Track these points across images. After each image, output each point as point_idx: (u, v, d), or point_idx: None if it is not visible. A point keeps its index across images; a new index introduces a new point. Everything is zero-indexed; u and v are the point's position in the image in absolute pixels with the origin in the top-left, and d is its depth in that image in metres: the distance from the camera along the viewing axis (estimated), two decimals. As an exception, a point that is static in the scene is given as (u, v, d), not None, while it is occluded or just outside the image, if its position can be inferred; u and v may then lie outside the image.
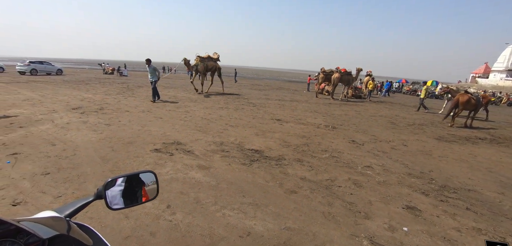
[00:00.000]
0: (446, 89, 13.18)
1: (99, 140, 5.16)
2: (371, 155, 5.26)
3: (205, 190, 3.38)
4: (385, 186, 3.81)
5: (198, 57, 14.03)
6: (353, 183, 3.82)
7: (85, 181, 3.46)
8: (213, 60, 14.56)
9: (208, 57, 14.32)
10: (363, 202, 3.29)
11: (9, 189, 3.16)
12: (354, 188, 3.67)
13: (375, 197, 3.46)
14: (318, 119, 8.90)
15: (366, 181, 3.95)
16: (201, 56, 14.06)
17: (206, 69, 14.22)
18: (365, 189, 3.66)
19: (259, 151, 5.03)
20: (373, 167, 4.54)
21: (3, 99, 9.14)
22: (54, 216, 0.77)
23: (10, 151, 4.35)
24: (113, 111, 8.15)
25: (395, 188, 3.79)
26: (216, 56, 14.68)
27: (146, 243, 2.37)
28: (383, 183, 3.91)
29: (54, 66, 23.81)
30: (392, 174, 4.32)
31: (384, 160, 5.01)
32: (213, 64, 14.60)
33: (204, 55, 14.29)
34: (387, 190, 3.70)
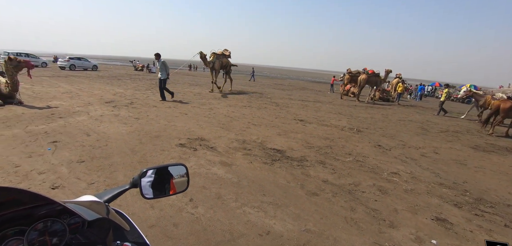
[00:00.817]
0: (469, 93, 12.26)
1: (128, 132, 5.45)
2: (399, 161, 5.02)
3: (227, 186, 3.45)
4: (413, 195, 3.63)
5: (214, 54, 13.54)
6: (378, 189, 3.68)
7: (115, 171, 3.69)
8: (226, 57, 14.27)
9: (222, 54, 13.94)
10: (388, 210, 3.16)
11: (49, 174, 3.46)
12: (379, 195, 3.53)
13: (401, 205, 3.31)
14: (342, 121, 8.66)
15: (392, 188, 3.78)
16: (216, 53, 13.60)
17: (221, 65, 13.84)
18: (390, 197, 3.51)
19: (281, 151, 5.01)
20: (400, 174, 4.33)
21: (46, 92, 10.00)
22: (94, 200, 0.84)
23: (51, 139, 4.75)
24: (142, 105, 8.57)
25: (424, 197, 3.59)
26: (228, 52, 14.36)
27: (169, 233, 2.47)
28: (411, 192, 3.72)
29: (90, 62, 25.54)
30: (421, 182, 4.09)
31: (412, 167, 4.76)
32: (227, 61, 14.35)
33: (218, 52, 13.84)
34: (415, 199, 3.52)
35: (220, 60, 13.63)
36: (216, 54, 13.54)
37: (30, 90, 9.76)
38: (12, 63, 7.21)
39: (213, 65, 13.33)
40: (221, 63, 13.79)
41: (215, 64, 13.37)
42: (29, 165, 3.66)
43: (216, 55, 13.50)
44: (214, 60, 13.36)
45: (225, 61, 14.14)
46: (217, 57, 13.51)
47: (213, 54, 13.44)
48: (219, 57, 13.66)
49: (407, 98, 22.87)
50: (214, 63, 13.32)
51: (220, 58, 13.64)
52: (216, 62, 13.37)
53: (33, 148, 4.27)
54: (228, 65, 14.52)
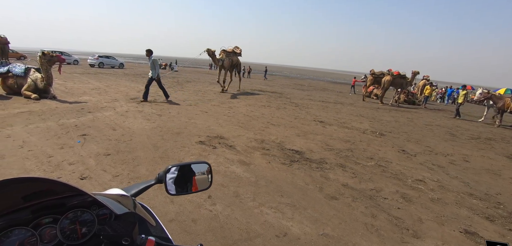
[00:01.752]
0: (487, 95, 11.42)
1: (151, 128, 5.65)
2: (425, 168, 4.77)
3: (245, 185, 3.46)
4: (439, 204, 3.43)
5: (223, 52, 12.81)
6: (402, 197, 3.52)
7: (138, 165, 3.83)
8: (237, 55, 13.59)
9: (232, 51, 13.20)
10: (412, 219, 3.01)
11: (78, 165, 3.67)
12: (402, 202, 3.38)
13: (426, 215, 3.14)
14: (364, 124, 8.39)
15: (417, 196, 3.60)
16: (226, 50, 12.89)
17: (231, 64, 13.14)
18: (415, 205, 3.34)
19: (300, 152, 4.95)
20: (426, 182, 4.12)
21: (77, 88, 10.63)
22: (122, 194, 0.87)
23: (81, 132, 5.04)
24: (164, 102, 8.85)
25: (452, 208, 3.38)
26: (239, 50, 13.66)
27: (188, 228, 2.53)
28: (438, 201, 3.52)
29: (117, 60, 26.80)
30: (449, 191, 3.86)
31: (439, 175, 4.50)
32: (237, 60, 13.70)
33: (228, 49, 13.13)
34: (442, 209, 3.32)
35: (230, 58, 13.01)
36: (226, 51, 12.92)
37: (63, 86, 10.43)
38: (46, 57, 7.76)
39: (222, 63, 12.68)
40: (231, 62, 13.14)
41: (224, 62, 12.72)
42: (61, 156, 3.91)
43: (226, 52, 12.89)
44: (224, 58, 12.74)
45: (236, 59, 13.52)
46: (227, 55, 12.89)
47: (222, 51, 12.81)
48: (229, 55, 13.02)
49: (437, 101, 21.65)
50: (224, 61, 12.68)
51: (230, 56, 13.01)
52: (225, 60, 12.73)
53: (64, 140, 4.55)
54: (238, 64, 14.00)
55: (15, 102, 7.17)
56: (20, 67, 8.19)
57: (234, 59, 13.27)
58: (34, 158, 3.74)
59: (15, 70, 8.03)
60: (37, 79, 7.86)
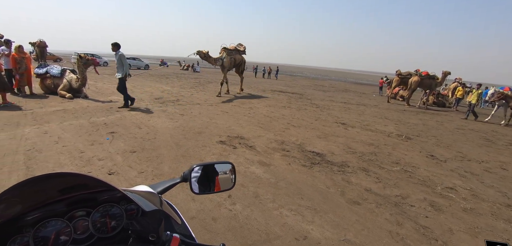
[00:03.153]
0: (501, 96, 10.61)
1: (174, 127, 5.83)
2: (456, 175, 4.48)
3: (264, 186, 3.46)
4: (472, 215, 3.20)
5: (224, 49, 11.45)
6: (430, 205, 3.33)
7: (162, 162, 3.97)
8: (240, 53, 12.24)
9: (235, 49, 11.86)
10: (442, 229, 2.83)
11: (107, 161, 3.87)
12: (430, 211, 3.19)
13: (458, 225, 2.94)
14: (389, 126, 8.05)
15: (447, 205, 3.39)
16: (227, 48, 11.56)
17: (233, 63, 11.79)
18: (445, 214, 3.14)
19: (320, 154, 4.86)
20: (458, 190, 3.86)
21: (107, 88, 11.24)
22: (150, 191, 0.91)
23: (109, 130, 5.32)
24: (186, 103, 9.09)
25: (487, 219, 3.14)
26: (243, 47, 12.37)
27: (208, 226, 2.57)
28: (470, 211, 3.28)
29: (143, 62, 28.07)
30: (484, 201, 3.58)
31: (473, 183, 4.20)
32: (241, 58, 12.32)
33: (230, 47, 11.78)
34: (476, 220, 3.09)
35: (232, 57, 11.61)
36: (228, 49, 11.57)
37: (94, 86, 11.08)
38: (82, 60, 8.30)
39: (223, 63, 11.25)
40: (234, 61, 11.75)
41: (225, 61, 11.27)
42: (91, 152, 4.15)
43: (228, 50, 11.53)
44: (224, 57, 11.28)
45: (239, 58, 12.12)
46: (229, 53, 11.47)
47: (223, 49, 11.48)
48: (231, 53, 11.61)
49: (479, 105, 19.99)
50: (224, 60, 11.26)
51: (232, 54, 11.62)
52: (226, 59, 11.29)
53: (95, 137, 4.83)
54: (241, 63, 12.59)
55: (52, 101, 7.74)
56: (56, 68, 8.83)
57: (237, 57, 11.95)
58: (68, 153, 4.01)
59: (53, 71, 8.67)
60: (72, 80, 8.43)
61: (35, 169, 3.43)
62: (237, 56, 11.87)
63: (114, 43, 7.17)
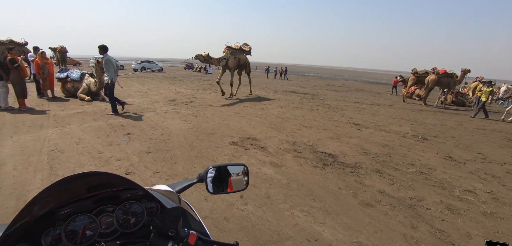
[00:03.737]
0: None
1: (188, 129, 5.95)
2: (475, 177, 4.31)
3: (276, 187, 3.48)
4: (493, 219, 3.08)
5: (228, 49, 10.96)
6: (447, 208, 3.23)
7: (176, 163, 4.07)
8: (244, 53, 11.75)
9: (239, 49, 11.41)
10: (459, 234, 2.75)
11: (124, 161, 4.02)
12: (447, 214, 3.10)
13: (477, 230, 2.84)
14: (404, 127, 7.84)
15: (465, 208, 3.28)
16: (232, 47, 11.09)
17: (237, 64, 11.28)
18: (463, 218, 3.05)
19: (333, 155, 4.82)
20: (477, 193, 3.72)
21: (123, 90, 11.58)
22: (169, 190, 0.96)
23: (126, 131, 5.51)
24: (199, 104, 9.25)
25: (509, 223, 3.01)
26: (248, 47, 11.89)
27: (220, 226, 2.62)
28: (491, 215, 3.16)
29: (157, 65, 28.78)
30: (506, 205, 3.44)
31: (494, 186, 4.03)
32: (245, 59, 11.80)
33: (235, 46, 11.32)
34: (496, 224, 2.98)
35: (236, 57, 11.16)
36: (232, 48, 11.10)
37: (111, 88, 11.46)
38: (99, 65, 8.61)
39: (226, 63, 10.82)
40: (238, 61, 11.27)
41: (229, 61, 10.84)
42: (109, 152, 4.32)
43: (232, 50, 11.07)
44: (228, 56, 10.83)
45: (243, 58, 11.63)
46: (233, 53, 11.04)
47: (227, 48, 11.01)
48: (235, 52, 11.17)
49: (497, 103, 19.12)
50: (228, 60, 10.81)
51: (236, 54, 11.17)
52: (230, 59, 10.86)
53: (112, 138, 5.02)
54: (247, 64, 12.13)
55: (72, 104, 8.10)
56: (76, 72, 9.23)
57: (242, 57, 11.47)
58: (87, 154, 4.20)
59: (73, 76, 9.08)
60: (91, 83, 8.79)
61: (57, 169, 3.62)
62: (241, 56, 11.47)
63: (101, 45, 6.63)
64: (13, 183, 3.20)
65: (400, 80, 19.78)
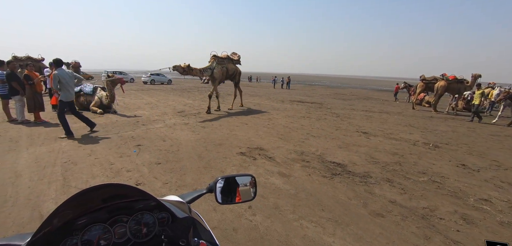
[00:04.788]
0: (506, 94, 10.01)
1: (196, 139, 6.02)
2: (491, 185, 4.18)
3: (284, 197, 3.46)
4: (511, 229, 2.97)
5: (215, 58, 10.12)
6: (462, 218, 3.14)
7: (185, 173, 4.11)
8: (233, 62, 10.99)
9: (227, 57, 10.65)
10: (475, 244, 2.66)
11: (134, 172, 4.08)
12: (462, 224, 3.01)
13: (493, 240, 2.74)
14: (414, 134, 7.71)
15: (481, 217, 3.17)
16: (218, 56, 10.30)
17: (225, 74, 10.49)
18: (479, 228, 2.95)
19: (341, 164, 4.77)
20: (493, 202, 3.60)
21: (133, 103, 11.86)
22: (180, 201, 0.99)
23: (136, 142, 5.61)
24: (207, 115, 9.35)
25: (528, 234, 2.90)
26: (237, 56, 11.20)
27: (229, 236, 2.62)
28: (508, 225, 3.05)
29: (166, 77, 29.38)
30: (524, 214, 3.31)
31: (511, 194, 3.90)
32: (234, 68, 10.96)
33: (222, 55, 10.58)
34: (515, 234, 2.87)
35: (224, 66, 10.32)
36: (218, 57, 10.26)
37: (122, 102, 11.75)
38: (110, 79, 8.90)
39: (212, 73, 9.90)
40: (226, 71, 10.46)
41: (215, 72, 9.92)
42: (120, 163, 4.40)
43: (218, 59, 10.22)
44: (214, 66, 9.94)
45: (232, 68, 10.83)
46: (219, 62, 10.20)
47: (213, 57, 10.17)
48: (223, 62, 10.36)
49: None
50: (214, 70, 9.89)
51: (223, 64, 10.34)
52: (216, 69, 9.95)
53: (123, 149, 5.12)
54: (235, 73, 11.20)
55: (85, 117, 8.31)
56: (89, 86, 9.53)
57: (230, 67, 10.69)
58: (99, 165, 4.29)
59: (86, 89, 9.37)
60: (102, 97, 9.04)
61: (71, 180, 3.71)
62: (230, 66, 10.67)
63: (54, 60, 5.79)
64: (29, 194, 3.30)
65: (403, 87, 19.76)
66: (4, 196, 3.23)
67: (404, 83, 20.65)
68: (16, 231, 2.60)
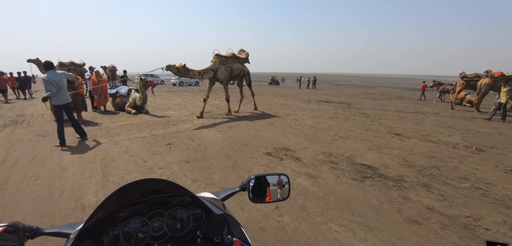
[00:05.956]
0: None
1: (223, 139, 6.13)
2: (547, 195, 3.73)
3: (312, 199, 3.39)
4: None
5: (217, 57, 9.06)
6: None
7: (212, 172, 4.21)
8: (240, 61, 9.85)
9: (232, 56, 9.55)
10: (530, 259, 2.39)
11: (165, 170, 4.27)
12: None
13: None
14: (454, 137, 7.13)
15: (535, 230, 2.85)
16: (222, 55, 9.21)
17: (230, 75, 9.37)
18: (533, 241, 2.65)
19: (372, 167, 4.56)
20: (551, 213, 3.21)
21: (164, 104, 12.43)
22: (214, 198, 1.01)
23: (167, 141, 5.86)
24: (233, 115, 9.49)
25: None
26: (244, 55, 10.07)
27: (256, 236, 2.63)
28: None
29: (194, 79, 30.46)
30: None
31: None
32: (240, 67, 9.83)
33: (227, 54, 9.52)
34: None
35: (228, 66, 9.20)
36: (222, 57, 9.17)
37: (153, 103, 12.38)
38: (142, 82, 9.44)
39: (215, 74, 8.91)
40: (230, 71, 9.29)
41: (218, 73, 8.92)
42: (152, 161, 4.63)
43: (221, 58, 9.11)
44: (216, 67, 8.92)
45: (238, 67, 9.66)
46: (223, 62, 9.11)
47: (216, 57, 9.07)
48: (227, 61, 9.23)
49: None
50: (216, 71, 8.90)
51: (227, 63, 9.22)
52: (220, 70, 8.93)
53: (155, 148, 5.38)
54: (244, 74, 10.17)
55: (121, 117, 8.89)
56: (124, 88, 10.20)
57: (236, 67, 9.54)
58: (134, 162, 4.55)
59: (121, 91, 10.05)
60: (136, 98, 9.61)
61: (109, 175, 3.98)
62: (235, 65, 9.50)
63: (44, 62, 5.50)
64: (72, 187, 3.60)
65: (432, 86, 18.67)
66: (52, 188, 3.56)
67: (433, 81, 19.39)
68: (63, 221, 2.85)
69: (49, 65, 5.39)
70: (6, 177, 3.87)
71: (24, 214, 2.94)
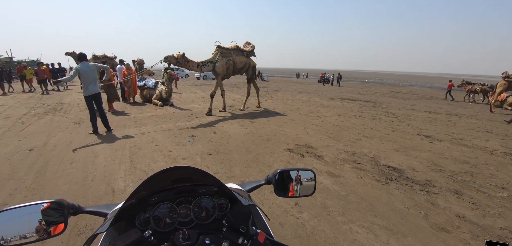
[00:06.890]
0: None
1: (245, 134, 6.20)
2: None
3: (333, 198, 3.34)
4: None
5: (219, 49, 8.46)
6: (556, 245, 2.60)
7: (234, 165, 4.28)
8: (245, 54, 9.15)
9: (236, 48, 8.88)
10: None
11: (189, 160, 4.42)
12: (556, 253, 2.49)
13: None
14: (492, 142, 6.60)
15: None
16: (223, 47, 8.56)
17: (232, 69, 8.76)
18: None
19: (398, 169, 4.38)
20: None
21: (188, 97, 12.81)
22: (241, 189, 1.04)
23: (190, 133, 6.05)
24: (255, 110, 9.54)
25: None
26: (249, 47, 9.37)
27: (275, 231, 2.65)
28: None
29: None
30: None
31: None
32: (245, 61, 9.09)
33: (230, 46, 8.85)
34: None
35: (229, 60, 8.58)
36: (224, 49, 8.55)
37: (178, 96, 12.81)
38: (168, 75, 9.81)
39: (214, 68, 8.33)
40: (233, 65, 8.68)
41: (217, 66, 8.29)
42: (177, 151, 4.81)
43: (223, 51, 8.49)
44: (216, 59, 8.30)
45: (241, 60, 8.95)
46: (224, 54, 8.47)
47: (217, 49, 8.49)
48: (228, 54, 8.61)
49: None
50: (216, 64, 8.29)
51: (229, 56, 8.60)
52: (219, 63, 8.30)
53: (179, 139, 5.58)
54: (249, 67, 9.39)
55: (148, 108, 9.31)
56: (151, 81, 10.65)
57: (239, 60, 8.86)
58: (159, 151, 4.76)
59: (149, 84, 10.52)
60: (162, 91, 10.00)
61: (136, 162, 4.21)
62: (238, 58, 8.82)
63: (78, 54, 5.78)
64: (104, 171, 3.85)
65: (461, 85, 17.52)
66: (86, 172, 3.84)
67: (462, 80, 18.08)
68: (95, 202, 3.07)
69: (82, 56, 5.70)
70: (46, 160, 4.24)
71: (61, 195, 3.21)
